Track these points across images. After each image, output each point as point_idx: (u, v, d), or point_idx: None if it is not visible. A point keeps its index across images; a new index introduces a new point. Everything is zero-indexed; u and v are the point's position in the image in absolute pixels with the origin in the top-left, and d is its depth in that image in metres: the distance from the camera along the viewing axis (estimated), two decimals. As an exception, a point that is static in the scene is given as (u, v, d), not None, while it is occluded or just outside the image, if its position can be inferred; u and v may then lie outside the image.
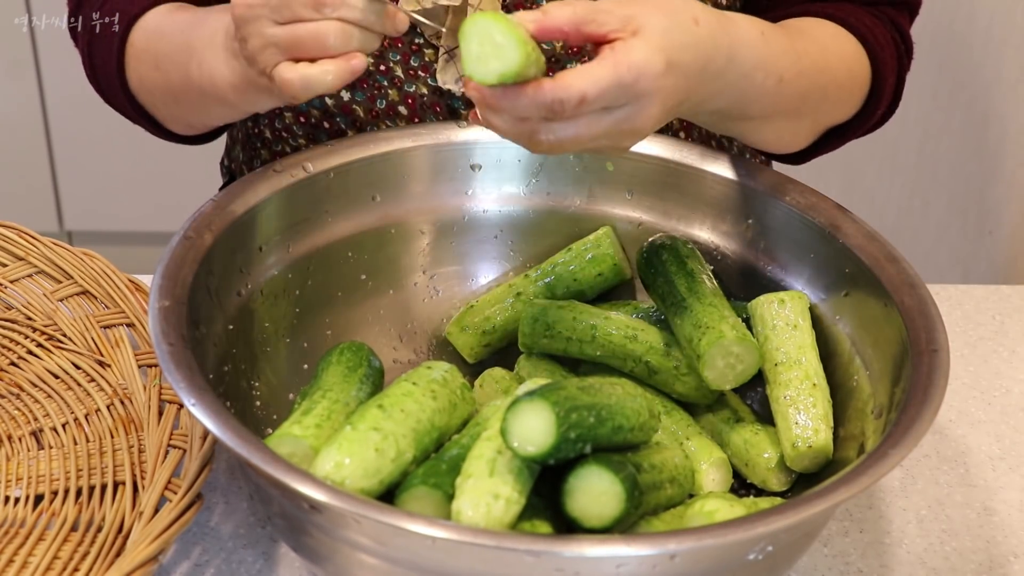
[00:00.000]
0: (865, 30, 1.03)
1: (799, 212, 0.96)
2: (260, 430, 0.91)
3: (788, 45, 0.93)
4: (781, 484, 0.91)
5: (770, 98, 0.92)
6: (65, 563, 0.84)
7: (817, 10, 1.05)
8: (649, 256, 0.98)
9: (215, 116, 1.04)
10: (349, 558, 0.77)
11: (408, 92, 1.05)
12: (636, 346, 0.95)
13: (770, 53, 0.90)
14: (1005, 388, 1.09)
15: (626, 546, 0.70)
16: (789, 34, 0.95)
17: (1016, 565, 0.92)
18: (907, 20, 1.10)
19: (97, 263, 1.05)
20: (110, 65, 1.05)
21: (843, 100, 1.02)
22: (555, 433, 0.75)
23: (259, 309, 0.94)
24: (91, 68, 1.08)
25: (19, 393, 0.98)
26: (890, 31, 1.06)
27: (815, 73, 0.96)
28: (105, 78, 1.07)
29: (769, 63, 0.90)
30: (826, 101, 1.00)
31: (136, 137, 1.12)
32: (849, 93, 1.02)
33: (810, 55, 0.95)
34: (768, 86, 0.90)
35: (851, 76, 1.01)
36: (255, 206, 0.94)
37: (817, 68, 0.96)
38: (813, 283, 0.96)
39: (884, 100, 1.05)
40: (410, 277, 1.03)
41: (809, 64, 0.95)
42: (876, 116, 1.06)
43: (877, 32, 1.04)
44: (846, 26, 1.03)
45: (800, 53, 0.94)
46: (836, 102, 1.01)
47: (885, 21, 1.07)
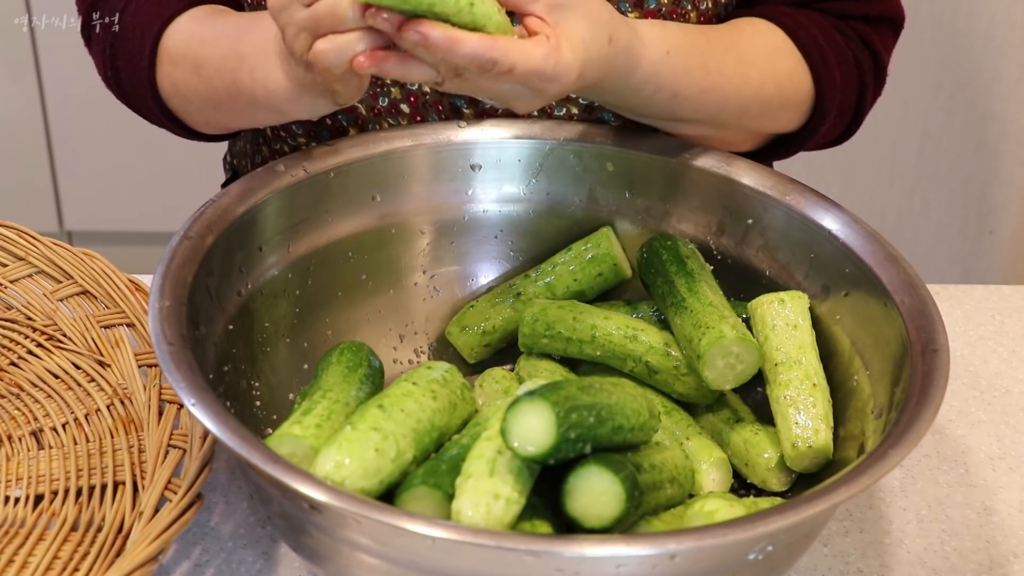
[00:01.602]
0: (812, 48, 1.05)
1: (799, 212, 0.96)
2: (260, 430, 0.91)
3: (698, 62, 0.98)
4: (781, 484, 0.91)
5: (664, 110, 0.98)
6: (65, 563, 0.84)
7: (778, 14, 1.07)
8: (649, 256, 0.98)
9: (259, 122, 1.04)
10: (349, 558, 0.77)
11: (410, 90, 1.05)
12: (636, 346, 0.95)
13: (671, 72, 0.96)
14: (1005, 388, 1.09)
15: (626, 546, 0.70)
16: (711, 49, 0.99)
17: (1016, 565, 0.92)
18: (887, 37, 1.11)
19: (97, 263, 1.05)
20: (140, 68, 1.04)
21: (771, 114, 1.04)
22: (555, 433, 0.75)
23: (259, 309, 0.94)
24: (113, 70, 1.07)
25: (19, 393, 0.98)
26: (855, 50, 1.07)
27: (729, 88, 1.00)
28: (131, 81, 1.06)
29: (665, 81, 0.96)
30: (747, 114, 1.02)
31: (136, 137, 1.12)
32: (779, 107, 1.04)
33: (724, 72, 0.99)
34: (659, 100, 0.97)
35: (780, 91, 1.03)
36: (255, 206, 0.94)
37: (732, 84, 1.00)
38: (813, 283, 0.96)
39: (828, 118, 1.06)
40: (410, 277, 1.03)
41: (721, 81, 0.99)
42: (819, 132, 1.07)
43: (829, 52, 1.05)
44: (795, 39, 1.05)
45: (711, 70, 0.98)
46: (762, 115, 1.04)
47: (852, 39, 1.07)
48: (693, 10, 1.05)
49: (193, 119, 1.06)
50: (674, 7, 1.04)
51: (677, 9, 1.04)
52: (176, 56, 1.02)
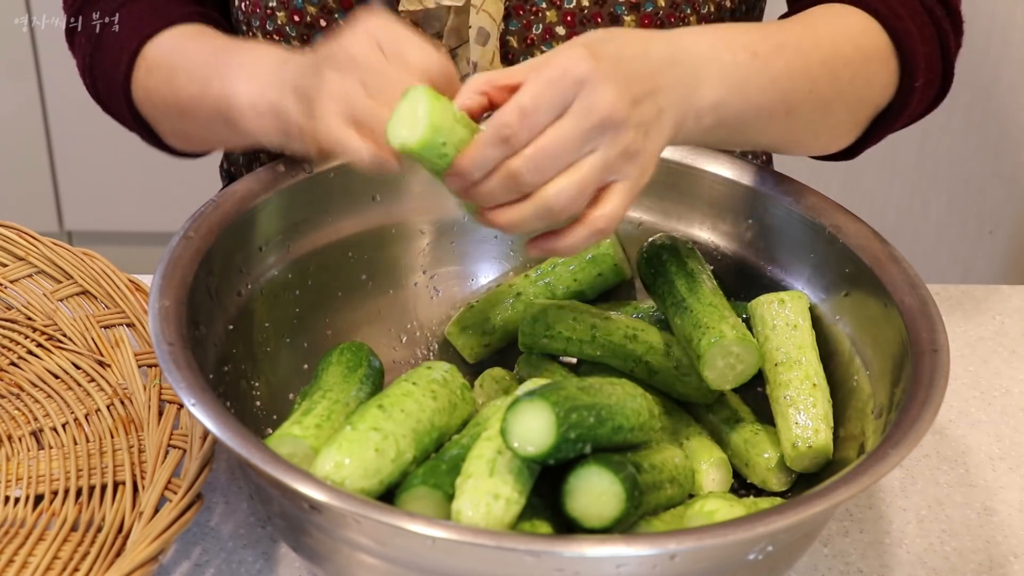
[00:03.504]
0: (879, 4, 0.97)
1: (799, 212, 0.96)
2: (260, 430, 0.91)
3: (749, 27, 0.90)
4: (781, 484, 0.91)
5: (755, 76, 0.87)
6: (65, 563, 0.84)
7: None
8: (649, 256, 0.98)
9: (216, 138, 1.03)
10: (349, 558, 0.77)
11: None
12: (636, 346, 0.95)
13: (725, 34, 0.87)
14: (1005, 388, 1.09)
15: (626, 546, 0.70)
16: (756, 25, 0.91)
17: (1016, 565, 0.92)
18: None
19: (97, 263, 1.05)
20: (116, 75, 1.04)
21: (862, 77, 0.95)
22: (555, 433, 0.75)
23: (259, 309, 0.94)
24: (91, 75, 1.07)
25: (19, 393, 0.98)
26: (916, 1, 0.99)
27: (806, 47, 0.91)
28: (106, 86, 1.06)
29: (726, 42, 0.86)
30: (839, 80, 0.93)
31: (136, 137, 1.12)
32: (865, 68, 0.95)
33: (785, 30, 0.92)
34: (741, 60, 0.86)
35: (859, 49, 0.94)
36: (255, 206, 0.94)
37: (807, 43, 0.91)
38: (813, 283, 0.96)
39: (919, 73, 0.97)
40: (410, 277, 1.03)
41: (789, 38, 0.91)
42: (915, 91, 0.98)
43: (896, 4, 0.97)
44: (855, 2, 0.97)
45: (769, 31, 0.90)
46: (855, 80, 0.94)
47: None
48: (693, 14, 1.04)
49: (161, 126, 1.06)
50: (672, 11, 1.04)
51: (676, 13, 1.04)
52: (153, 66, 1.02)
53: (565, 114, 0.77)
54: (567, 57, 0.77)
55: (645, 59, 0.81)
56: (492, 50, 1.02)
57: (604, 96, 0.77)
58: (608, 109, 0.77)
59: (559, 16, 1.03)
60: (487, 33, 1.01)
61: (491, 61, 1.02)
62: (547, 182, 0.78)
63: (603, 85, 0.77)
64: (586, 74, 0.77)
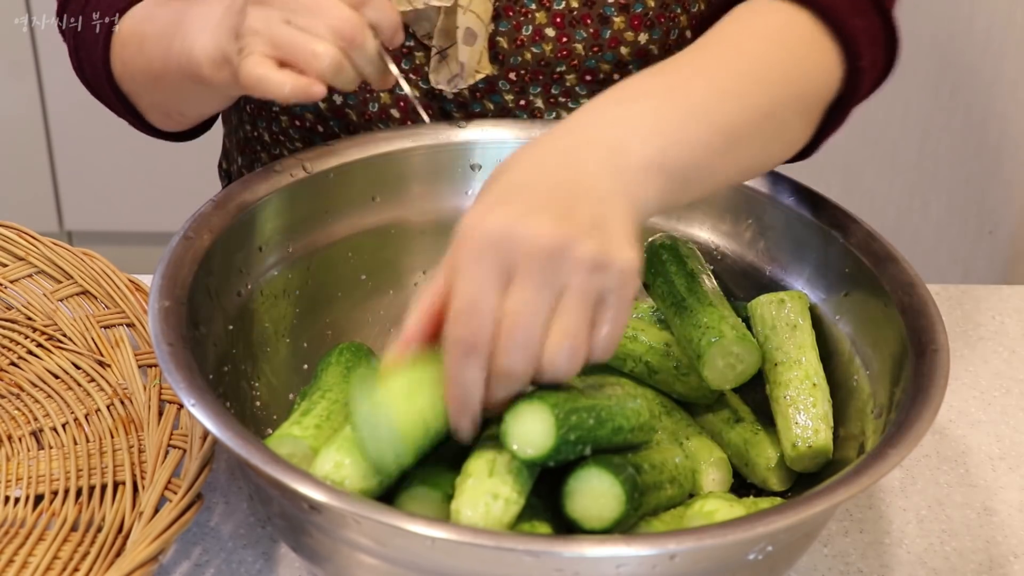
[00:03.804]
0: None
1: (799, 212, 0.96)
2: (260, 430, 0.91)
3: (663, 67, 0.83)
4: (781, 484, 0.91)
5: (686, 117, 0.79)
6: (65, 563, 0.84)
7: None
8: (649, 256, 0.98)
9: (190, 103, 1.02)
10: (349, 558, 0.77)
11: (400, 95, 1.05)
12: (636, 346, 0.95)
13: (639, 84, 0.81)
14: (1005, 388, 1.09)
15: (626, 546, 0.70)
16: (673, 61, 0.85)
17: (1016, 565, 0.92)
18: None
19: (97, 263, 1.05)
20: (96, 54, 1.04)
21: (797, 74, 0.87)
22: (554, 435, 0.75)
23: (259, 309, 0.94)
24: (77, 60, 1.07)
25: (19, 393, 0.98)
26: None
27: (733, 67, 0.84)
28: (90, 67, 1.06)
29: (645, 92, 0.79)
30: (773, 86, 0.85)
31: (136, 137, 1.12)
32: (799, 66, 0.88)
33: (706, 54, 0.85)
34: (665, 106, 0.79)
35: (786, 48, 0.87)
36: (255, 206, 0.94)
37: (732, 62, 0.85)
38: (813, 283, 0.96)
39: (861, 50, 0.89)
40: (410, 277, 1.03)
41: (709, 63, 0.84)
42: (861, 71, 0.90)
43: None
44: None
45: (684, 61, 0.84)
46: (791, 83, 0.87)
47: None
48: (683, 13, 1.04)
49: (142, 103, 1.06)
50: (662, 11, 1.03)
51: (665, 13, 1.04)
52: (126, 36, 1.02)
53: (510, 280, 0.69)
54: (468, 229, 0.70)
55: (542, 169, 0.73)
56: (480, 51, 1.02)
57: (531, 231, 0.69)
58: (546, 239, 0.69)
59: (548, 17, 1.03)
60: (475, 34, 1.01)
61: (479, 62, 1.02)
62: (542, 349, 0.71)
63: (521, 224, 0.69)
64: (498, 226, 0.69)
